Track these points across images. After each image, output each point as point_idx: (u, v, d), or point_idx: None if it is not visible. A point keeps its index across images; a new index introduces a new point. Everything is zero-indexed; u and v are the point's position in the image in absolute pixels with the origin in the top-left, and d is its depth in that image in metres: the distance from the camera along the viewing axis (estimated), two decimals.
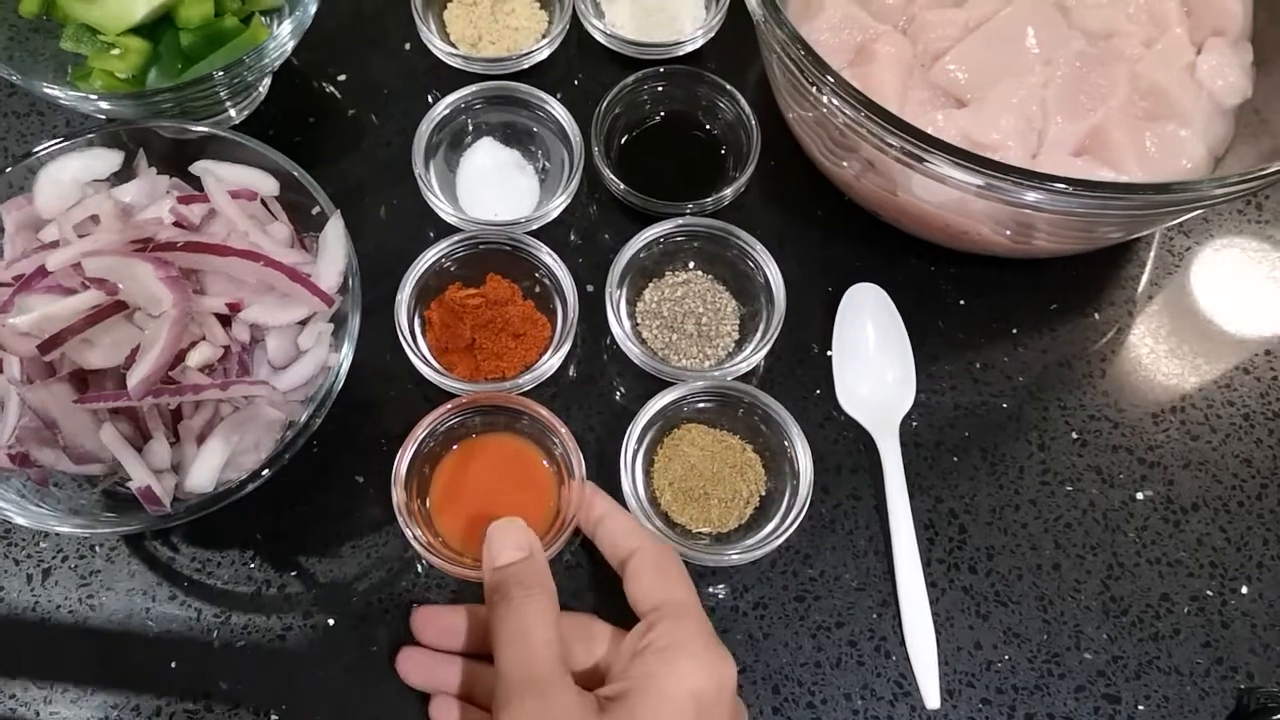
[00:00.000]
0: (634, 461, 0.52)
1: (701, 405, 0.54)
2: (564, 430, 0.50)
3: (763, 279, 0.57)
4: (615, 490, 0.51)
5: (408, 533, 0.48)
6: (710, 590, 0.52)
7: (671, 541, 0.49)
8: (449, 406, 0.51)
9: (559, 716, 0.38)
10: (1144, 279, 0.61)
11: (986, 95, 0.54)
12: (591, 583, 0.52)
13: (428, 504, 0.51)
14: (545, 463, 0.52)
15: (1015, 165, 0.45)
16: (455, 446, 0.52)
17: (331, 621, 0.51)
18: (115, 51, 0.57)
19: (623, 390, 0.57)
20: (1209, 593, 0.53)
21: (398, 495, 0.49)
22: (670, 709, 0.39)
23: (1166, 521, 0.54)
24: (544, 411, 0.50)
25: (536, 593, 0.42)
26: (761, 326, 0.56)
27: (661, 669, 0.40)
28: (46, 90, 0.53)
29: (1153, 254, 0.62)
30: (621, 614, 0.46)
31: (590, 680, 0.43)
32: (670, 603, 0.43)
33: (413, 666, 0.48)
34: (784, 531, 0.50)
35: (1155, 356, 0.59)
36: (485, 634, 0.45)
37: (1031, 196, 0.46)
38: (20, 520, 0.46)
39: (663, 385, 0.54)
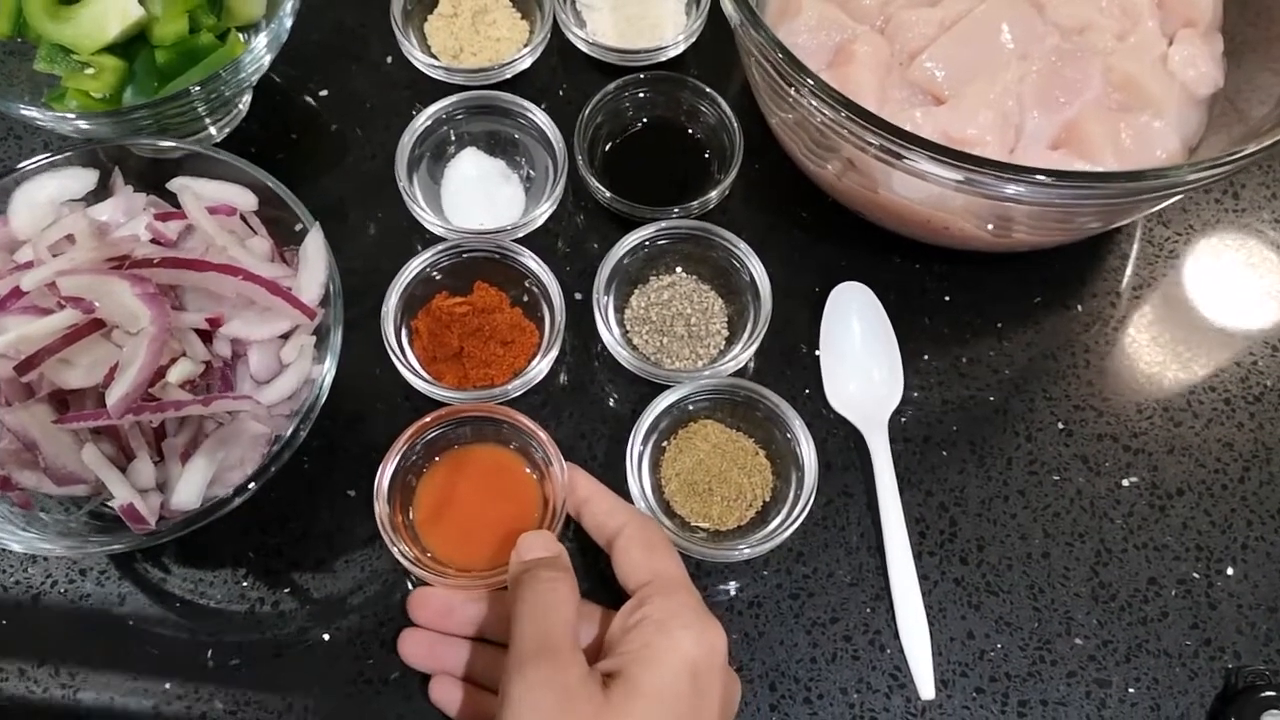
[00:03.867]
0: (645, 446, 0.53)
1: (714, 403, 0.54)
2: (543, 435, 0.50)
3: (747, 276, 0.57)
4: (620, 483, 0.51)
5: (392, 547, 0.48)
6: (705, 589, 0.52)
7: (669, 534, 0.50)
8: (428, 419, 0.51)
9: (571, 685, 0.39)
10: (1126, 270, 0.62)
11: (963, 92, 0.54)
12: (581, 570, 0.52)
13: (411, 516, 0.51)
14: (528, 469, 0.52)
15: (993, 159, 0.46)
16: (437, 459, 0.52)
17: (326, 637, 0.51)
18: (90, 71, 0.56)
19: (615, 396, 0.57)
20: (1195, 575, 0.53)
21: (380, 509, 0.49)
22: (670, 678, 0.40)
23: (1152, 507, 0.55)
24: (522, 418, 0.51)
25: (563, 578, 0.44)
26: (749, 324, 0.57)
27: (657, 640, 0.41)
28: (23, 112, 0.53)
29: (1135, 246, 0.62)
30: (611, 600, 0.46)
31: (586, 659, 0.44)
32: (660, 577, 0.44)
33: (413, 646, 0.48)
34: (790, 525, 0.50)
35: (1137, 346, 0.60)
36: (480, 617, 0.48)
37: (1011, 189, 0.46)
38: (14, 546, 0.45)
39: (656, 388, 0.54)
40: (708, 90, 0.62)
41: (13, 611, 0.51)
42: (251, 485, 0.46)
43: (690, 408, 0.54)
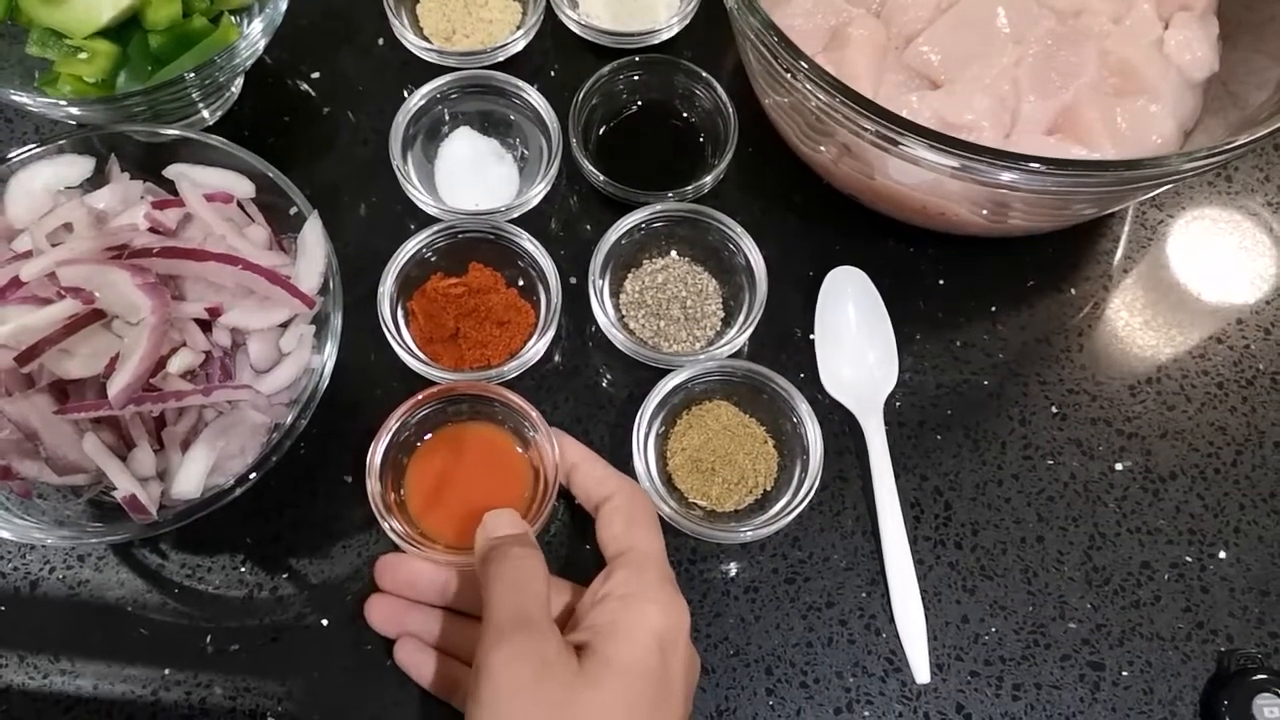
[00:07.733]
0: (655, 418, 0.53)
1: (725, 385, 0.54)
2: (532, 410, 0.50)
3: (742, 259, 0.57)
4: (617, 466, 0.51)
5: (384, 523, 0.49)
6: (701, 572, 0.53)
7: (668, 510, 0.50)
8: (420, 397, 0.51)
9: (548, 656, 0.40)
10: (1118, 253, 0.62)
11: (959, 76, 0.54)
12: (567, 538, 0.53)
13: (403, 494, 0.51)
14: (519, 448, 0.52)
15: (989, 146, 0.46)
16: (429, 437, 0.52)
17: (325, 622, 0.51)
18: (83, 55, 0.56)
19: (610, 379, 0.57)
20: (1188, 559, 0.54)
21: (372, 486, 0.49)
22: (639, 650, 0.41)
23: (1145, 491, 0.55)
24: (511, 395, 0.51)
25: (534, 553, 0.45)
26: (745, 307, 0.57)
27: (624, 614, 0.42)
28: (14, 97, 0.53)
29: (1126, 228, 0.63)
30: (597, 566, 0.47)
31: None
32: (634, 550, 0.45)
33: (379, 611, 0.49)
34: (795, 508, 0.50)
35: (1131, 329, 0.60)
36: (445, 585, 0.49)
37: (1006, 176, 0.46)
38: (5, 534, 0.45)
39: (651, 372, 0.54)
40: (703, 74, 0.62)
41: (11, 598, 0.51)
42: (253, 475, 0.46)
43: (700, 389, 0.54)
